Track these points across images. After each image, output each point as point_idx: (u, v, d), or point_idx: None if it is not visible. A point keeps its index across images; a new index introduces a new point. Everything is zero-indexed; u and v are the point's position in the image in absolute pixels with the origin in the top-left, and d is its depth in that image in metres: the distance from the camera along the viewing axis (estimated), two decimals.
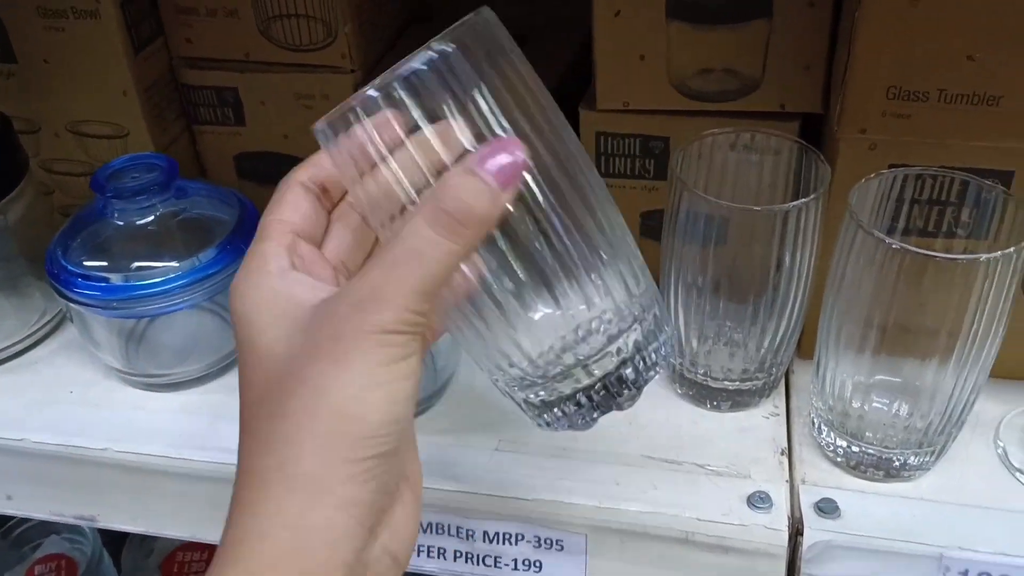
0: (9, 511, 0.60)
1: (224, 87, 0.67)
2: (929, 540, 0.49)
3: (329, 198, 0.41)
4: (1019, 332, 0.56)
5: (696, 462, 0.54)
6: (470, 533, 0.53)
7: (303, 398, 0.34)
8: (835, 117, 0.52)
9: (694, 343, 0.57)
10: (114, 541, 0.87)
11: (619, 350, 0.40)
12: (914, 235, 0.52)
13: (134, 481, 0.57)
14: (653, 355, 0.41)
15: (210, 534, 0.57)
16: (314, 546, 0.34)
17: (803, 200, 0.48)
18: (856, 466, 0.53)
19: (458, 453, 0.56)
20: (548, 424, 0.42)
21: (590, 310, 0.38)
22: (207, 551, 0.86)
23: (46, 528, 0.86)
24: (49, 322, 0.66)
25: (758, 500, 0.51)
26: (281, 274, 0.37)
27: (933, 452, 0.52)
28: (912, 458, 0.52)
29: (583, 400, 0.41)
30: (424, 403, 0.59)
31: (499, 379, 0.41)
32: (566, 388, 0.40)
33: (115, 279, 0.56)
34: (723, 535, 0.50)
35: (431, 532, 0.54)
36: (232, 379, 0.58)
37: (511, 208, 0.35)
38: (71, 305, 0.57)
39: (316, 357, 0.34)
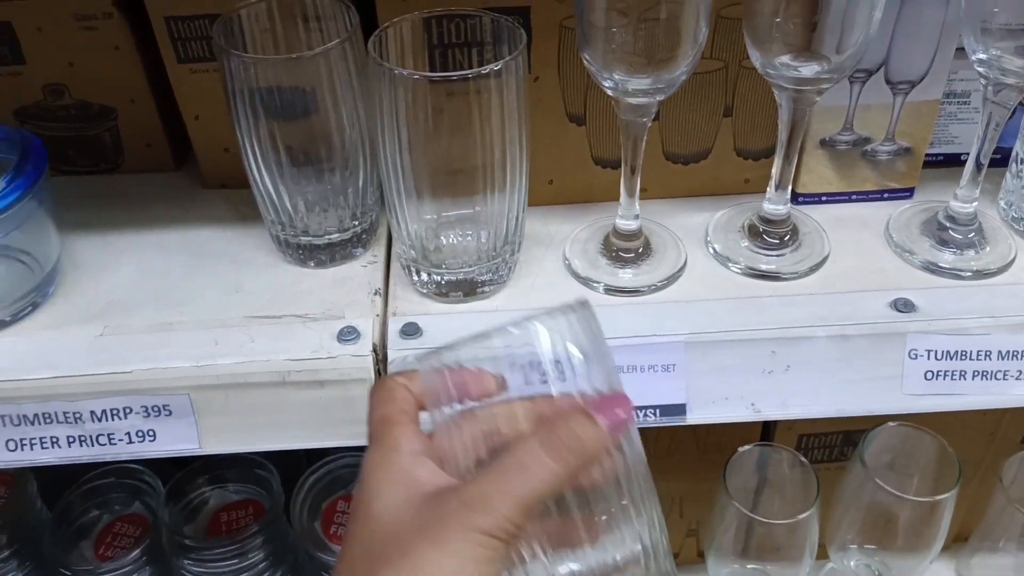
0: None
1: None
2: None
3: None
4: (569, 163, 0.64)
5: (295, 313, 0.58)
6: (77, 416, 0.54)
7: (401, 571, 0.37)
8: None
9: (300, 207, 0.60)
10: None
11: None
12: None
13: None
14: None
15: None
16: None
17: (328, 45, 0.52)
18: (442, 292, 0.59)
19: (61, 343, 0.56)
20: None
21: None
22: None
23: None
24: None
25: (346, 334, 0.55)
26: (412, 456, 0.40)
27: (502, 267, 0.59)
28: (487, 274, 0.58)
29: None
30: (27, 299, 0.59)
31: None
32: None
33: None
34: (315, 369, 0.54)
35: (38, 423, 0.54)
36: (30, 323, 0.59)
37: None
38: None
39: (421, 539, 0.37)
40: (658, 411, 0.56)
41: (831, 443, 0.82)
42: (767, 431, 0.81)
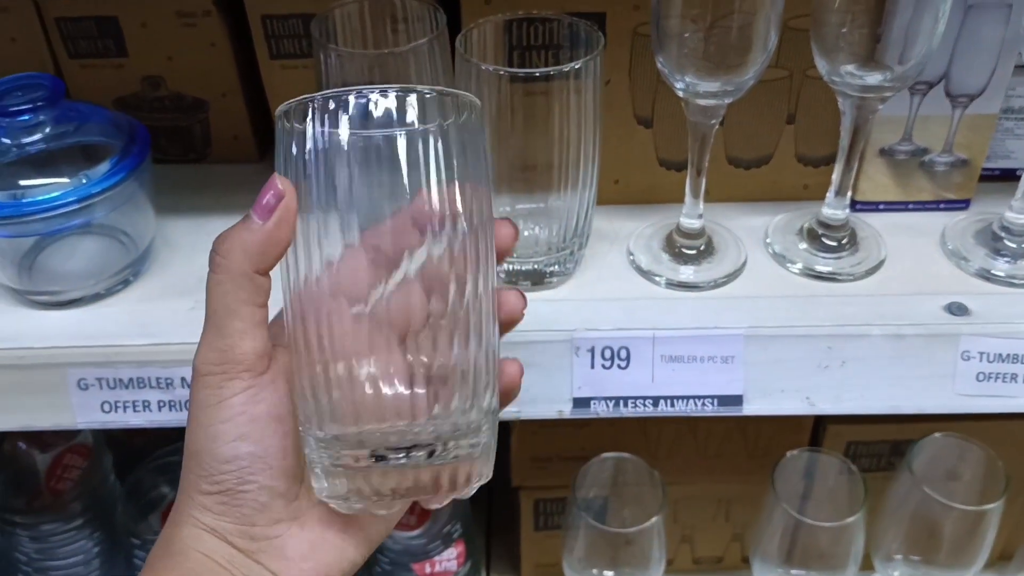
0: None
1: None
2: (563, 327, 0.58)
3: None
4: (635, 163, 0.67)
5: None
6: (169, 381, 0.58)
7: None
8: None
9: None
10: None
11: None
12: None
13: None
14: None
15: None
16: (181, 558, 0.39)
17: (418, 42, 0.56)
18: (511, 281, 0.62)
19: (155, 315, 0.60)
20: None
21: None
22: None
23: None
24: None
25: None
26: None
27: (569, 259, 0.62)
28: (554, 266, 0.61)
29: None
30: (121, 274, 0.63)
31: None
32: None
33: (2, 197, 0.57)
34: None
35: (133, 387, 0.58)
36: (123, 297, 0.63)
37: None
38: None
39: None
40: (716, 401, 0.58)
41: (879, 452, 0.83)
42: (816, 437, 0.83)
